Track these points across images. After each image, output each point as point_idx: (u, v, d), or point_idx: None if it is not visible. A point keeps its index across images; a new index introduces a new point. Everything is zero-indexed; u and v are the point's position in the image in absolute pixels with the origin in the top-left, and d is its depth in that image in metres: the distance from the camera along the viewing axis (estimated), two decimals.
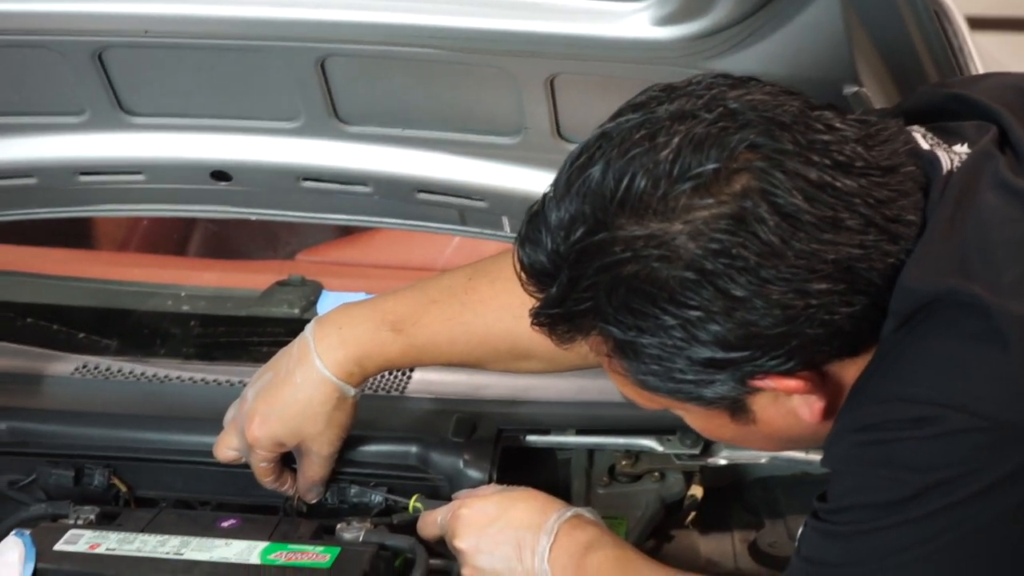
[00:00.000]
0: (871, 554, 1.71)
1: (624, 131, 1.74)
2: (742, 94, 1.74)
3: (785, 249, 1.66)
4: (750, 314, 1.68)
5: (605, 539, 2.15)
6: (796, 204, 1.67)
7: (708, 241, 1.67)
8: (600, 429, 2.56)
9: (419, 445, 2.48)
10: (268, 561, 2.18)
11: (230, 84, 2.34)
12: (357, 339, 2.30)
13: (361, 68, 2.25)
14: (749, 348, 1.71)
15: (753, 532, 2.53)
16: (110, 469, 2.49)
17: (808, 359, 1.73)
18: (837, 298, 1.69)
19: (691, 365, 1.74)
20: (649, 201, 1.69)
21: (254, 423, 2.31)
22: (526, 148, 2.35)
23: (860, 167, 1.71)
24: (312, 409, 2.30)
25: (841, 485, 1.75)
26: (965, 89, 1.96)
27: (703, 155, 1.69)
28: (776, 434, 1.87)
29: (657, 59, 2.05)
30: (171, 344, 3.33)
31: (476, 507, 2.21)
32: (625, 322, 1.73)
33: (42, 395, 2.75)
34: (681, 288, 1.69)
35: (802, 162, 1.68)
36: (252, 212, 2.65)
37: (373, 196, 2.51)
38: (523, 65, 2.17)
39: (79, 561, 2.18)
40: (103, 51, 2.26)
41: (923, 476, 1.67)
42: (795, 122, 1.71)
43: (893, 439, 1.69)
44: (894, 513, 1.69)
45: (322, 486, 2.41)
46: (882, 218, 1.70)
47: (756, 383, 1.75)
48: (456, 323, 2.31)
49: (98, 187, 2.58)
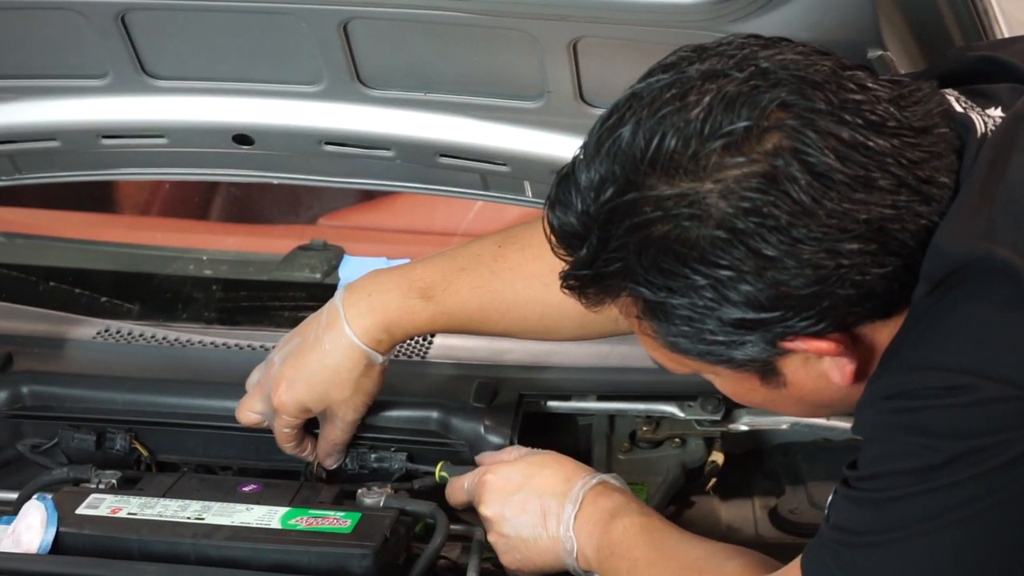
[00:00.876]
0: (901, 521, 1.69)
1: (654, 91, 1.73)
2: (773, 53, 1.73)
3: (816, 208, 1.65)
4: (781, 274, 1.67)
5: (631, 506, 2.14)
6: (828, 163, 1.66)
7: (739, 200, 1.66)
8: (621, 395, 2.55)
9: (440, 410, 2.47)
10: (289, 526, 2.18)
11: (252, 47, 2.33)
12: (386, 306, 2.29)
13: (384, 31, 2.25)
14: (780, 309, 1.69)
15: (774, 498, 2.53)
16: (132, 433, 2.49)
17: (839, 321, 1.72)
18: (869, 258, 1.68)
19: (722, 326, 1.72)
20: (680, 160, 1.68)
21: (280, 388, 2.31)
22: (548, 112, 2.34)
23: (892, 127, 1.69)
24: (340, 375, 2.30)
25: (871, 452, 1.74)
26: (996, 52, 1.94)
27: (734, 114, 1.68)
28: (806, 397, 1.85)
29: (681, 22, 2.04)
30: (193, 308, 3.33)
31: (501, 473, 2.21)
32: (655, 282, 1.72)
33: (64, 359, 2.75)
34: (711, 247, 1.68)
35: (834, 121, 1.67)
36: (274, 176, 2.65)
37: (395, 160, 2.51)
38: (546, 28, 2.16)
39: (100, 525, 2.18)
40: (126, 13, 2.26)
41: (954, 444, 1.65)
42: (827, 81, 1.70)
43: (925, 407, 1.67)
44: (925, 480, 1.67)
45: (342, 451, 2.41)
46: (915, 179, 1.69)
47: (787, 345, 1.74)
48: (485, 291, 2.30)
49: (120, 150, 2.58)
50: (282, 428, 2.35)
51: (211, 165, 2.63)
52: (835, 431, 2.46)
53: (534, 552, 2.17)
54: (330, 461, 2.42)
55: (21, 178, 2.68)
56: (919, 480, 1.68)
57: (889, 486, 1.71)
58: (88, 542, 2.16)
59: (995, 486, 1.65)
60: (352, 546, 2.13)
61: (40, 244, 3.67)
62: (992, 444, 1.64)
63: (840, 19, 2.02)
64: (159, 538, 2.16)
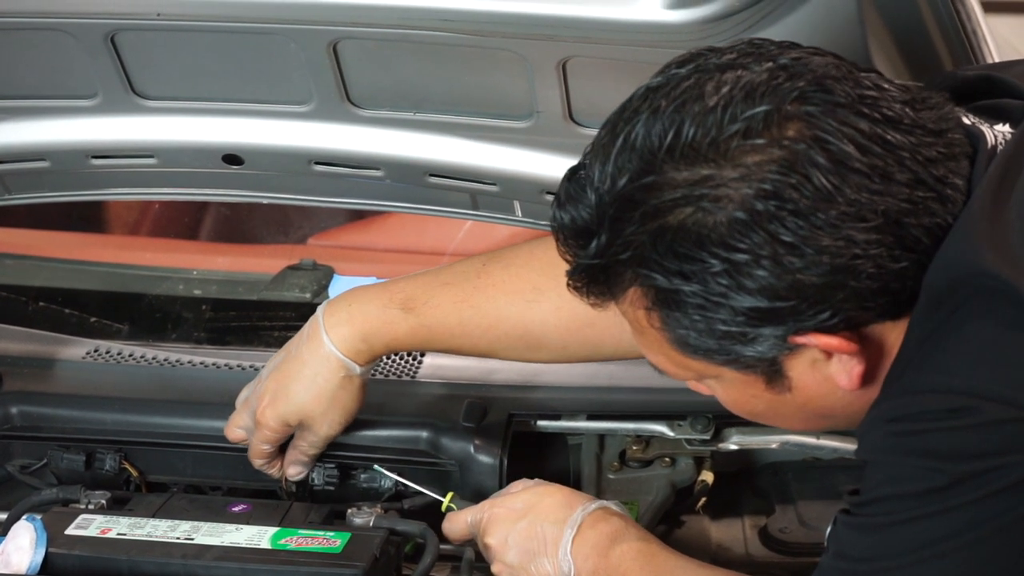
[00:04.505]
0: (906, 546, 1.68)
1: (672, 83, 1.73)
2: (790, 51, 1.74)
3: (836, 195, 1.65)
4: (797, 261, 1.66)
5: (630, 531, 2.14)
6: (848, 152, 1.66)
7: (760, 183, 1.66)
8: (611, 414, 2.55)
9: (430, 430, 2.47)
10: (279, 546, 2.18)
11: (242, 67, 2.33)
12: (365, 315, 2.30)
13: (373, 51, 2.25)
14: (794, 299, 1.68)
15: (764, 518, 2.53)
16: (121, 454, 2.49)
17: (852, 317, 1.71)
18: (884, 251, 1.67)
19: (734, 316, 1.71)
20: (699, 147, 1.68)
21: (264, 401, 2.32)
22: (538, 132, 2.34)
23: (908, 124, 1.70)
24: (317, 386, 2.30)
25: (875, 477, 1.73)
26: (996, 72, 1.95)
27: (754, 102, 1.68)
28: (810, 404, 1.83)
29: (669, 42, 2.04)
30: (182, 328, 3.33)
31: (506, 504, 2.20)
32: (669, 267, 1.70)
33: (54, 379, 2.75)
34: (730, 230, 1.67)
35: (853, 113, 1.68)
36: (264, 196, 2.65)
37: (385, 180, 2.51)
38: (535, 48, 2.16)
39: (90, 546, 2.18)
40: (115, 34, 2.26)
41: (959, 466, 1.65)
42: (844, 78, 1.71)
43: (929, 429, 1.67)
44: (929, 503, 1.66)
45: (309, 464, 2.40)
46: (931, 177, 1.69)
47: (798, 339, 1.72)
48: (467, 305, 2.30)
49: (110, 170, 2.58)
50: (260, 444, 2.35)
51: (201, 185, 2.63)
52: (824, 450, 2.46)
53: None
54: (293, 471, 2.40)
55: (10, 198, 2.67)
56: (924, 503, 1.67)
57: (894, 510, 1.70)
58: (77, 563, 2.16)
59: (1001, 508, 1.64)
60: (342, 566, 2.13)
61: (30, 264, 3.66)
62: (997, 466, 1.64)
63: (829, 41, 2.02)
64: (149, 558, 2.15)
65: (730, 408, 1.91)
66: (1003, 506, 1.64)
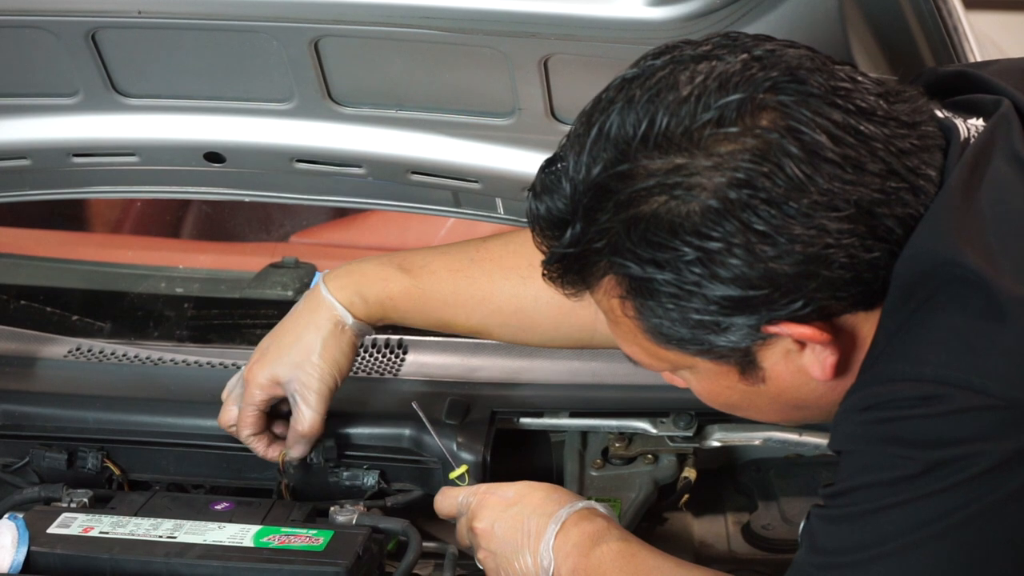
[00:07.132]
0: (880, 535, 1.69)
1: (647, 73, 1.74)
2: (764, 43, 1.75)
3: (808, 184, 1.66)
4: (770, 250, 1.67)
5: (612, 532, 2.14)
6: (820, 142, 1.67)
7: (733, 171, 1.67)
8: (594, 411, 2.56)
9: (412, 427, 2.47)
10: (261, 544, 2.18)
11: (223, 65, 2.33)
12: (362, 270, 2.35)
13: (355, 49, 2.25)
14: (767, 288, 1.69)
15: (746, 514, 2.53)
16: (103, 452, 2.49)
17: (824, 306, 1.72)
18: (857, 241, 1.69)
19: (707, 305, 1.72)
20: (672, 136, 1.69)
21: (254, 359, 2.34)
22: (520, 129, 2.34)
23: (882, 116, 1.71)
24: (308, 334, 2.32)
25: (847, 467, 1.74)
26: (973, 69, 1.96)
27: (728, 92, 1.69)
28: (783, 395, 1.84)
29: (650, 39, 2.04)
30: (165, 326, 3.32)
31: (499, 492, 2.21)
32: (643, 256, 1.71)
33: (35, 378, 2.75)
34: (703, 219, 1.68)
35: (827, 103, 1.69)
36: (246, 194, 2.65)
37: (367, 177, 2.51)
38: (517, 46, 2.17)
39: (72, 544, 2.17)
40: (96, 31, 2.25)
41: (931, 453, 1.66)
42: (818, 69, 1.72)
43: (901, 416, 1.68)
44: (902, 491, 1.67)
45: (309, 443, 2.39)
46: (904, 168, 1.71)
47: (771, 329, 1.73)
48: (462, 275, 2.33)
49: (91, 169, 2.58)
50: (249, 406, 2.35)
51: (183, 183, 2.63)
52: (807, 447, 2.47)
53: (516, 570, 2.16)
54: (296, 451, 2.39)
55: None
56: (896, 491, 1.68)
57: (866, 499, 1.71)
58: (60, 561, 2.15)
59: (973, 496, 1.65)
60: (324, 564, 2.12)
61: (11, 263, 3.65)
62: (968, 454, 1.65)
63: (809, 38, 2.02)
64: (131, 557, 2.15)
65: (704, 400, 1.92)
66: (975, 494, 1.65)
